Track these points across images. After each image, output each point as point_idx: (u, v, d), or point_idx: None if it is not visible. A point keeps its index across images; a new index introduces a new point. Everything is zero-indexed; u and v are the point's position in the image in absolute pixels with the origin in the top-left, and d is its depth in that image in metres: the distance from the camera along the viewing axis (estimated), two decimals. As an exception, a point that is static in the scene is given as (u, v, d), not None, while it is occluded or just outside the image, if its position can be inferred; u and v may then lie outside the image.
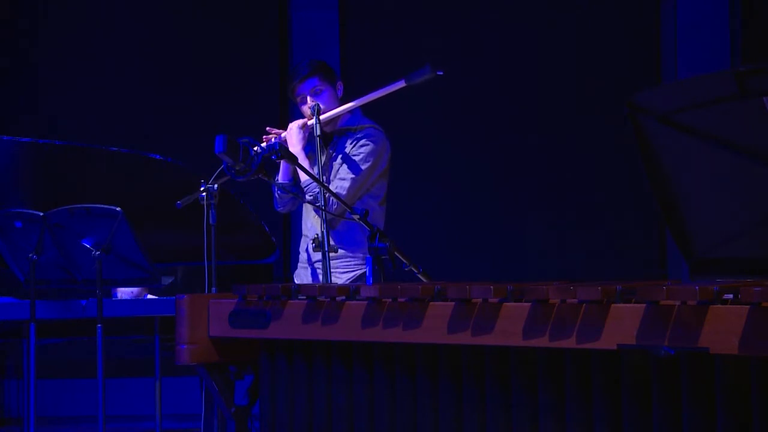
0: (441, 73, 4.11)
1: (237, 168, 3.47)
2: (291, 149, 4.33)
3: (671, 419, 2.54)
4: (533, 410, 2.77)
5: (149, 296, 5.29)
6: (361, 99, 4.36)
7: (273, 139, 4.47)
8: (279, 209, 4.59)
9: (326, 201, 4.20)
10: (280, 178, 4.46)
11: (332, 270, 4.27)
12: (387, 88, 4.26)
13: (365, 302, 3.06)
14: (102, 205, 4.52)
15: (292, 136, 4.41)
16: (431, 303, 2.93)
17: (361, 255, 4.32)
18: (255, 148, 3.49)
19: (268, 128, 4.54)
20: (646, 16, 7.64)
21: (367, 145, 4.43)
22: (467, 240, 7.53)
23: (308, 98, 4.45)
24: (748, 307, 2.41)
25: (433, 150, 7.55)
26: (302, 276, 4.52)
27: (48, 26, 7.63)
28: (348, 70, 7.29)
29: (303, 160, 4.31)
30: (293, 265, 4.71)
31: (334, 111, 4.41)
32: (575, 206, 7.53)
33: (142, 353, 6.11)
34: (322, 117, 4.35)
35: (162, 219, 5.13)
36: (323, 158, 4.37)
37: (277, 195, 4.52)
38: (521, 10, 7.62)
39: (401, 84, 4.22)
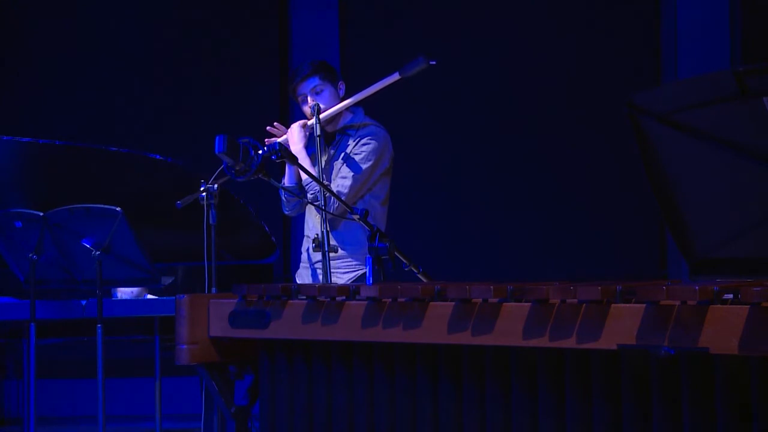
0: (434, 63, 4.11)
1: (237, 168, 3.46)
2: (292, 147, 4.34)
3: (671, 419, 2.54)
4: (533, 410, 2.77)
5: (149, 296, 5.29)
6: (357, 95, 4.36)
7: (275, 139, 4.48)
8: (287, 212, 4.60)
9: (326, 200, 4.20)
10: (286, 181, 4.47)
11: (333, 270, 4.28)
12: (382, 81, 4.26)
13: (365, 302, 3.06)
14: (102, 205, 4.52)
15: (293, 135, 4.42)
16: (431, 303, 2.93)
17: (362, 255, 4.32)
18: (258, 152, 3.49)
19: (275, 124, 4.55)
20: (646, 16, 7.64)
21: (369, 143, 4.43)
22: (467, 240, 7.53)
23: (309, 98, 4.46)
24: (748, 307, 2.41)
25: (433, 150, 7.55)
26: (303, 276, 4.53)
27: (48, 26, 7.63)
28: (348, 70, 7.29)
29: (304, 159, 4.32)
30: (293, 265, 4.72)
31: (333, 109, 4.42)
32: (575, 206, 7.53)
33: (142, 353, 6.11)
34: (321, 115, 4.36)
35: (162, 219, 5.13)
36: (324, 158, 4.38)
37: (284, 198, 4.53)
38: (521, 10, 7.62)
39: (396, 77, 4.22)
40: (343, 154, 4.44)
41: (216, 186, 4.09)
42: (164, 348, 5.46)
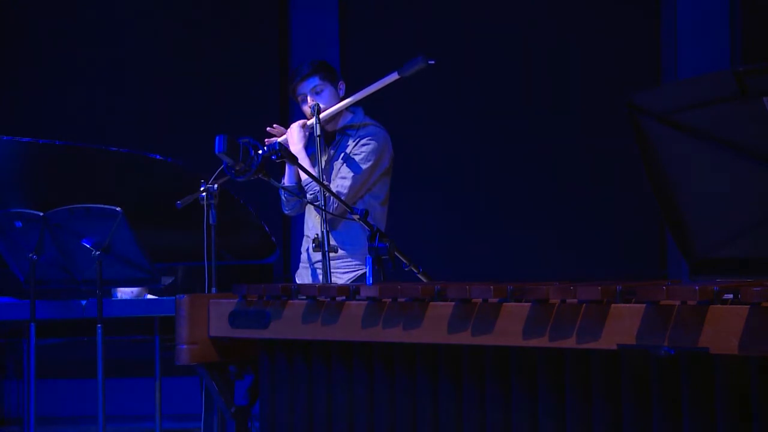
0: (433, 63, 4.11)
1: (237, 168, 3.46)
2: (292, 148, 4.34)
3: (671, 419, 2.54)
4: (533, 410, 2.77)
5: (149, 296, 5.29)
6: (357, 95, 4.36)
7: (275, 139, 4.49)
8: (287, 212, 4.60)
9: (326, 200, 4.20)
10: (286, 181, 4.46)
11: (333, 270, 4.28)
12: (381, 81, 4.26)
13: (365, 302, 3.05)
14: (102, 205, 4.53)
15: (293, 135, 4.42)
16: (431, 303, 2.93)
17: (362, 255, 4.32)
18: (258, 152, 3.49)
19: (275, 125, 4.55)
20: (646, 16, 7.64)
21: (369, 144, 4.43)
22: (467, 240, 7.53)
23: (309, 98, 4.46)
24: (748, 307, 2.40)
25: (433, 150, 7.55)
26: (303, 276, 4.53)
27: (48, 26, 7.63)
28: (348, 70, 7.29)
29: (303, 159, 4.32)
30: (293, 265, 4.71)
31: (333, 108, 4.42)
32: (575, 207, 7.53)
33: (142, 353, 6.11)
34: (321, 115, 4.36)
35: (162, 219, 5.13)
36: (324, 158, 4.38)
37: (284, 198, 4.53)
38: (521, 10, 7.62)
39: (395, 76, 4.22)
40: (342, 154, 4.43)
41: (216, 186, 4.09)
42: (164, 348, 5.46)
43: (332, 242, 4.28)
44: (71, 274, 4.80)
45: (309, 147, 4.42)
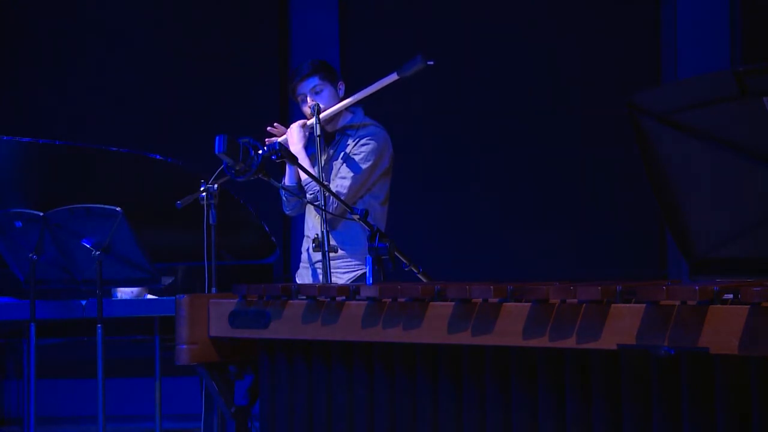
0: (432, 63, 4.11)
1: (237, 168, 3.46)
2: (292, 148, 4.34)
3: (671, 419, 2.54)
4: (533, 410, 2.77)
5: (149, 296, 5.29)
6: (357, 95, 4.36)
7: (275, 139, 4.49)
8: (287, 212, 4.60)
9: (326, 200, 4.20)
10: (287, 181, 4.46)
11: (333, 270, 4.28)
12: (381, 82, 4.26)
13: (365, 302, 3.05)
14: (102, 205, 4.53)
15: (293, 135, 4.42)
16: (431, 303, 2.93)
17: (362, 255, 4.32)
18: (258, 152, 3.49)
19: (275, 124, 4.55)
20: (646, 17, 7.64)
21: (369, 144, 4.43)
22: (467, 240, 7.53)
23: (308, 98, 4.46)
24: (748, 307, 2.40)
25: (433, 150, 7.55)
26: (304, 276, 4.53)
27: (48, 26, 7.63)
28: (348, 70, 7.29)
29: (303, 159, 4.32)
30: (293, 265, 4.71)
31: (333, 108, 4.42)
32: (575, 206, 7.53)
33: (142, 353, 6.11)
34: (321, 115, 4.36)
35: (162, 219, 5.13)
36: (324, 158, 4.38)
37: (284, 198, 4.53)
38: (521, 10, 7.62)
39: (394, 77, 4.22)
40: (342, 154, 4.44)
41: (216, 186, 4.10)
42: (164, 348, 5.46)
43: (332, 242, 4.28)
44: (71, 274, 4.81)
45: (309, 147, 4.43)
